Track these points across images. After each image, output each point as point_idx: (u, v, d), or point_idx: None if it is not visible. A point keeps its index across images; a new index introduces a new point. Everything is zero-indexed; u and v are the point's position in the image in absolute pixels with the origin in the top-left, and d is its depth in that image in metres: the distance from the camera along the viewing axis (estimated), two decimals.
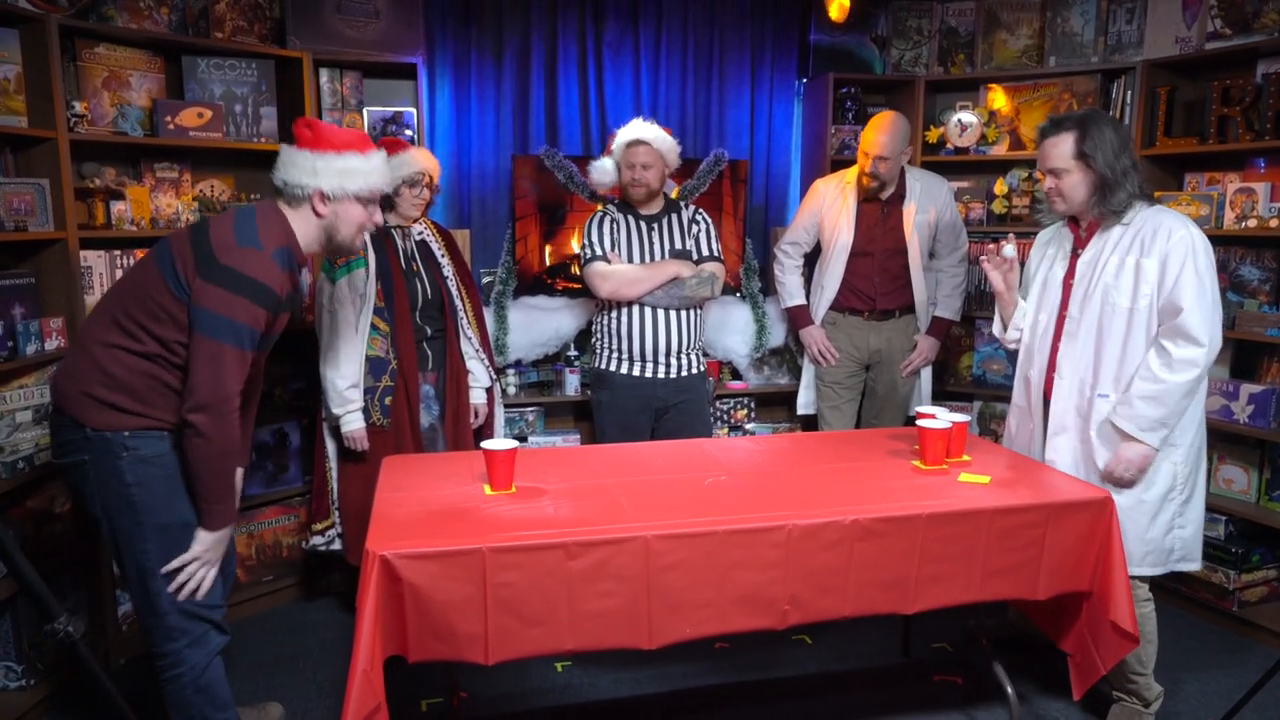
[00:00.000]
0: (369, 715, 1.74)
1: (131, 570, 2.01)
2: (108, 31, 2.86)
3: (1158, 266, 2.27)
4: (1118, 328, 2.35)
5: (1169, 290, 2.25)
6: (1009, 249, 2.55)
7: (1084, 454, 2.43)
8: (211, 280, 1.89)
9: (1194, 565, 2.43)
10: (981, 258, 2.64)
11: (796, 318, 3.62)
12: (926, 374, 3.63)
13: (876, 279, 3.45)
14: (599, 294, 3.12)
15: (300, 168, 2.03)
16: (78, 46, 2.83)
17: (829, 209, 3.49)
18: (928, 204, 3.46)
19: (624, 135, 3.10)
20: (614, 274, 3.08)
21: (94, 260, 2.78)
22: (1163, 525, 2.37)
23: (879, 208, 3.43)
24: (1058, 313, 2.51)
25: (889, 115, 3.32)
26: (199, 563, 2.01)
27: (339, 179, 2.03)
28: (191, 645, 2.03)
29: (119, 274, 2.84)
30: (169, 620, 2.01)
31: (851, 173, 3.48)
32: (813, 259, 3.66)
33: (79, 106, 2.74)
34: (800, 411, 3.73)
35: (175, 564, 1.99)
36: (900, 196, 3.44)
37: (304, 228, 2.06)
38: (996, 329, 2.74)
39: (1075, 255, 2.48)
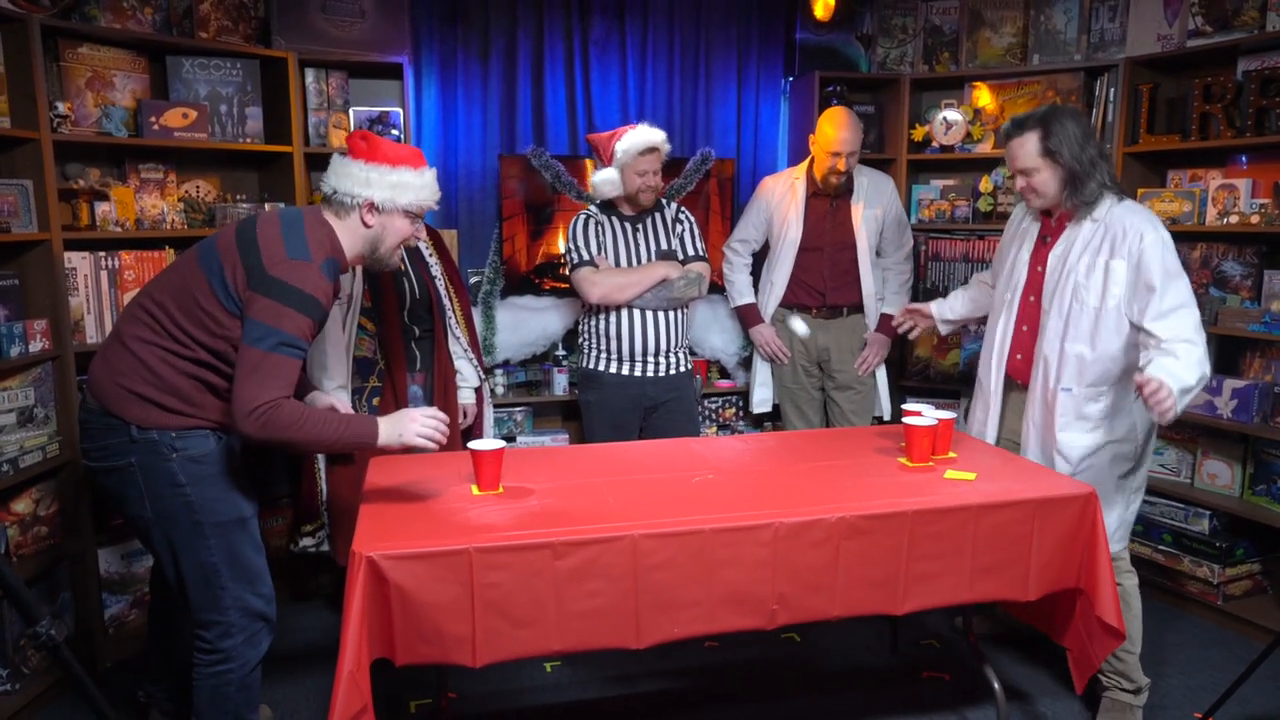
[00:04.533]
0: (355, 717, 1.74)
1: (192, 570, 2.02)
2: (91, 31, 2.84)
3: (1128, 269, 2.30)
4: (1085, 325, 2.38)
5: (1155, 297, 2.25)
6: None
7: (1046, 449, 2.48)
8: (260, 291, 1.90)
9: (1120, 546, 2.47)
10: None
11: (746, 316, 3.65)
12: (883, 381, 3.65)
13: (827, 273, 3.48)
14: (589, 299, 3.12)
15: (353, 178, 2.05)
16: (60, 46, 2.82)
17: (778, 204, 3.52)
18: (875, 200, 3.50)
19: (633, 143, 3.01)
20: (603, 280, 3.08)
21: (78, 262, 2.76)
22: (1121, 505, 2.44)
23: (827, 203, 3.46)
24: (1022, 293, 2.55)
25: (843, 111, 3.34)
26: (411, 441, 2.01)
27: (391, 191, 2.06)
28: (246, 643, 2.06)
29: (104, 275, 2.83)
30: (230, 616, 2.03)
31: (800, 169, 3.51)
32: (760, 258, 3.69)
33: (62, 107, 2.73)
34: (756, 410, 3.74)
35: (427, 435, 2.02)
36: (848, 192, 3.48)
37: (350, 238, 2.08)
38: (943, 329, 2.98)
39: (1044, 243, 2.52)
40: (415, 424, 2.01)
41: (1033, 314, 2.52)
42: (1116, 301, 2.32)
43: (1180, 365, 2.15)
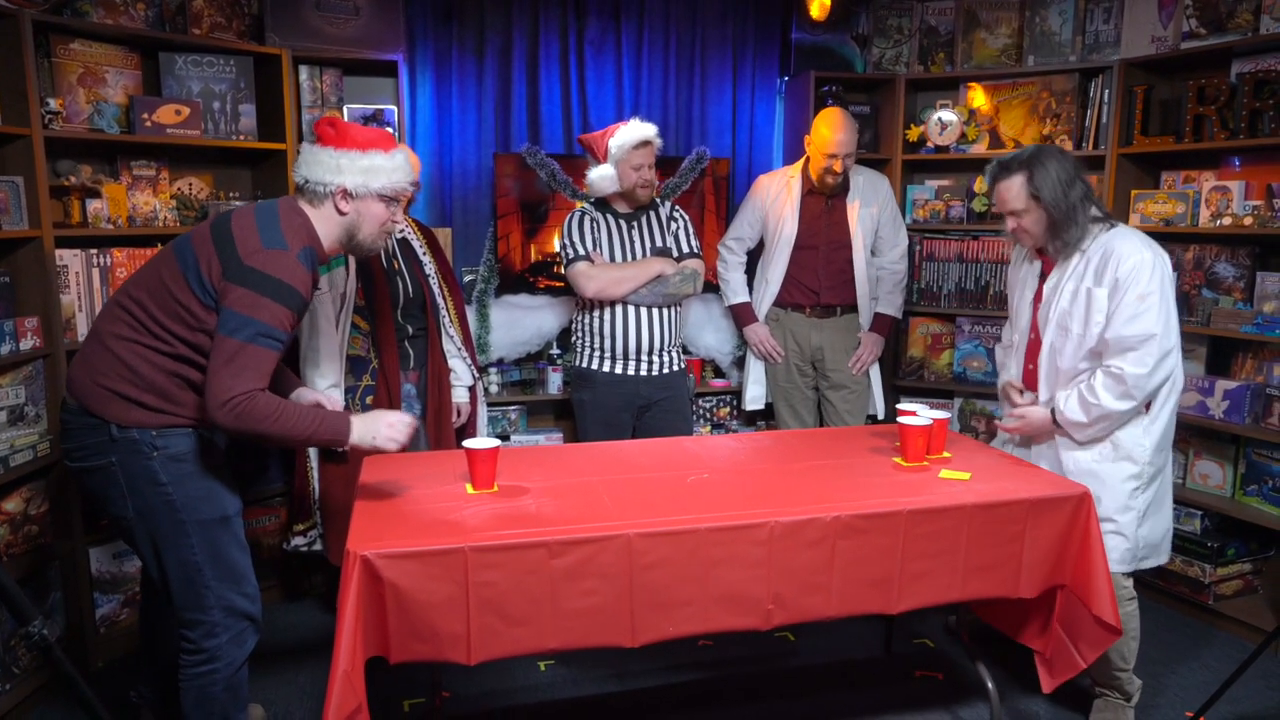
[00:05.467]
0: (350, 716, 1.73)
1: (175, 569, 2.00)
2: (83, 27, 2.83)
3: (1107, 295, 2.30)
4: (1070, 354, 2.39)
5: (1110, 320, 2.29)
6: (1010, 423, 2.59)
7: (1052, 465, 2.48)
8: (237, 282, 1.88)
9: (1158, 562, 2.48)
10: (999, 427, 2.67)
11: (741, 315, 3.66)
12: (877, 381, 3.67)
13: (821, 272, 3.49)
14: (584, 294, 3.11)
15: (324, 165, 2.03)
16: (52, 42, 2.80)
17: (773, 203, 3.53)
18: (871, 199, 3.52)
19: (627, 138, 3.02)
20: (599, 274, 3.08)
21: (70, 259, 2.75)
22: (1130, 521, 2.39)
23: (822, 202, 3.47)
24: (1028, 335, 2.57)
25: (839, 112, 3.35)
26: (382, 444, 2.00)
27: (363, 176, 2.04)
28: (231, 642, 2.04)
29: (96, 273, 2.82)
30: (214, 616, 2.01)
31: (795, 168, 3.53)
32: (755, 257, 3.71)
33: (54, 103, 2.71)
34: (749, 407, 3.75)
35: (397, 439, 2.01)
36: (844, 190, 3.49)
37: (326, 226, 2.06)
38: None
39: (1043, 280, 2.52)
40: (387, 426, 2.02)
41: (1036, 350, 2.52)
42: (1099, 329, 2.31)
43: (1082, 404, 2.32)
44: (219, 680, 2.03)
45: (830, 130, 3.29)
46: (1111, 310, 2.28)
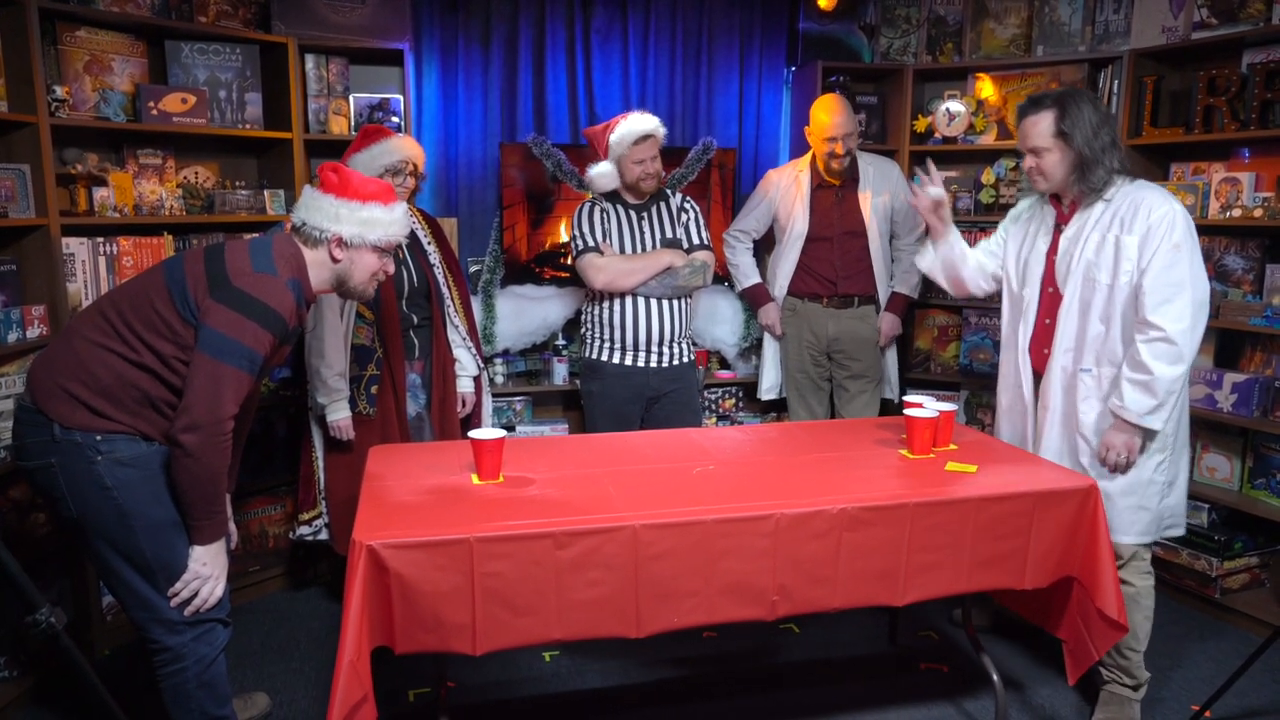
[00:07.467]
0: (356, 706, 1.74)
1: (125, 572, 1.97)
2: (89, 14, 2.82)
3: (1138, 243, 2.27)
4: (1099, 304, 2.35)
5: (1146, 268, 2.26)
6: (934, 190, 2.58)
7: (1069, 432, 2.45)
8: (222, 301, 1.88)
9: (1180, 530, 2.47)
10: (909, 200, 2.64)
11: (756, 296, 3.67)
12: (893, 366, 3.66)
13: (837, 262, 3.49)
14: (593, 286, 3.10)
15: (323, 212, 2.04)
16: (58, 30, 2.79)
17: (783, 197, 3.53)
18: (882, 187, 3.52)
19: (626, 131, 3.00)
20: (608, 266, 3.07)
21: (76, 247, 2.74)
22: (1154, 494, 2.38)
23: (833, 193, 3.47)
24: (1040, 287, 2.52)
25: (834, 96, 3.36)
26: (200, 579, 1.98)
27: (360, 228, 2.05)
28: (197, 640, 2.01)
29: (102, 261, 2.82)
30: (169, 614, 1.98)
31: (804, 161, 3.52)
32: (762, 248, 3.72)
33: (60, 91, 2.70)
34: (765, 397, 3.75)
35: (178, 585, 1.97)
36: (854, 180, 3.48)
37: (317, 269, 2.07)
38: (920, 259, 2.79)
39: (1058, 231, 2.48)
40: (215, 580, 2.01)
41: (1054, 305, 2.47)
42: (1129, 278, 2.29)
43: (1143, 388, 2.24)
44: (190, 678, 2.01)
45: (827, 114, 3.30)
46: (1146, 260, 2.25)
